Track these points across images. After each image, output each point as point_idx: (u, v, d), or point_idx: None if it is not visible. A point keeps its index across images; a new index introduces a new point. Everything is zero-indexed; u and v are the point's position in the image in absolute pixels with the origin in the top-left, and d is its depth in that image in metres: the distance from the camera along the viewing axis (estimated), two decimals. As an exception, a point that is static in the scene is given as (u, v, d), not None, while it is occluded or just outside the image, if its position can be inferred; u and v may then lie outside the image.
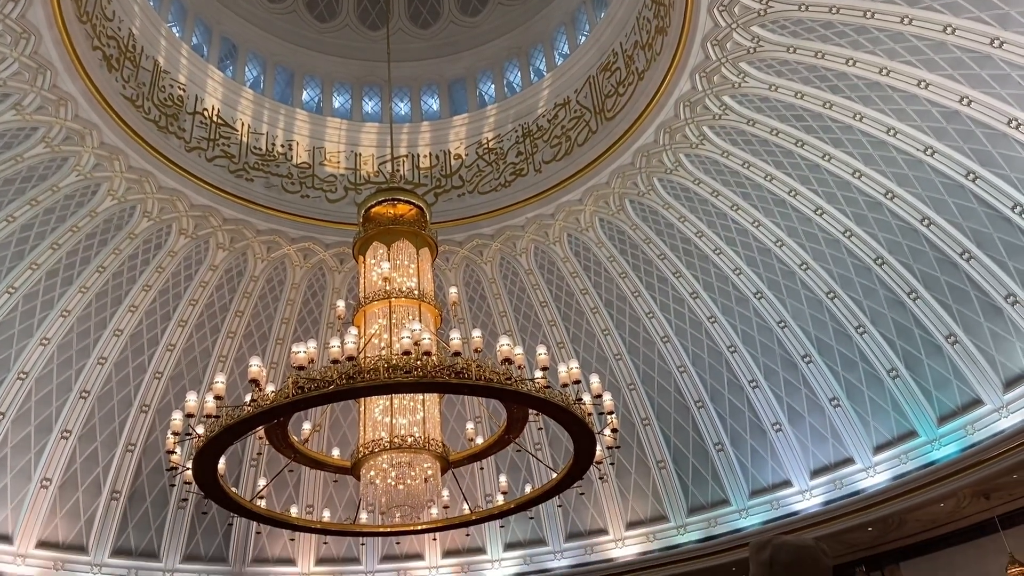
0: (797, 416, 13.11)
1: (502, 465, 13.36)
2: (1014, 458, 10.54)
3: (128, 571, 12.89)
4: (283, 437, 8.58)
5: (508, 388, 7.11)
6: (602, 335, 14.55)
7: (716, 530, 13.61)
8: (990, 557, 11.50)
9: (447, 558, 14.68)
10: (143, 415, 13.32)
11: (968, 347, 11.15)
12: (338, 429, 13.94)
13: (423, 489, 8.49)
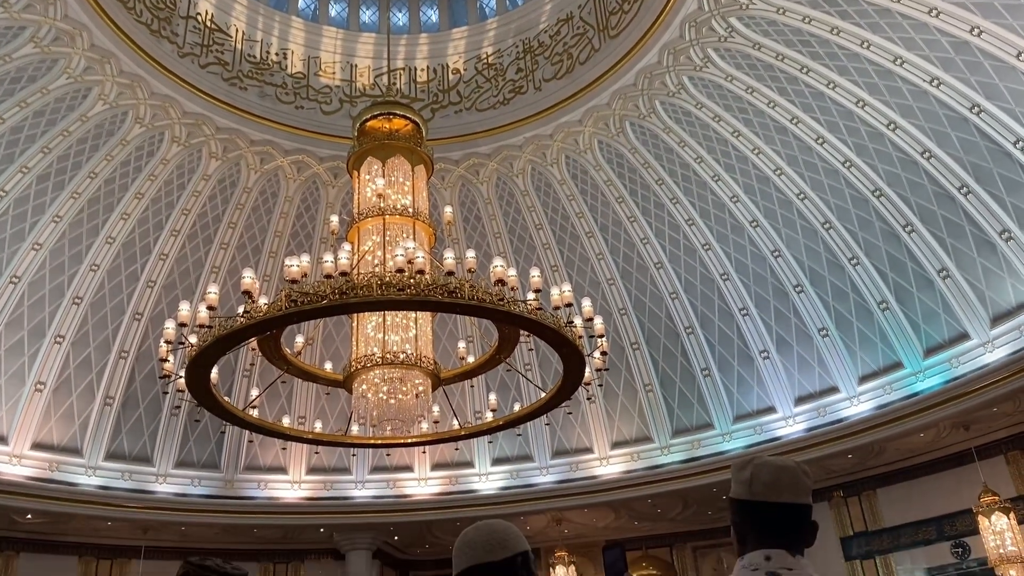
0: (785, 344, 13.25)
1: (492, 384, 13.53)
2: (995, 392, 10.73)
3: (122, 474, 13.16)
4: (276, 349, 8.64)
5: (500, 309, 7.15)
6: (596, 259, 14.56)
7: (699, 452, 13.91)
8: (965, 487, 11.81)
9: (436, 471, 15.00)
10: (136, 323, 13.38)
11: (959, 282, 11.21)
12: (331, 343, 14.04)
13: (414, 404, 8.62)
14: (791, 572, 1.77)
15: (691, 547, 16.15)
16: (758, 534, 1.85)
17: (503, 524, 2.08)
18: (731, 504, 1.95)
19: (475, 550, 2.00)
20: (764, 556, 1.81)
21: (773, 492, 1.85)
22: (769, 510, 1.85)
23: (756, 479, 1.87)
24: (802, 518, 1.87)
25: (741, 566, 1.85)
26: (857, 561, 13.23)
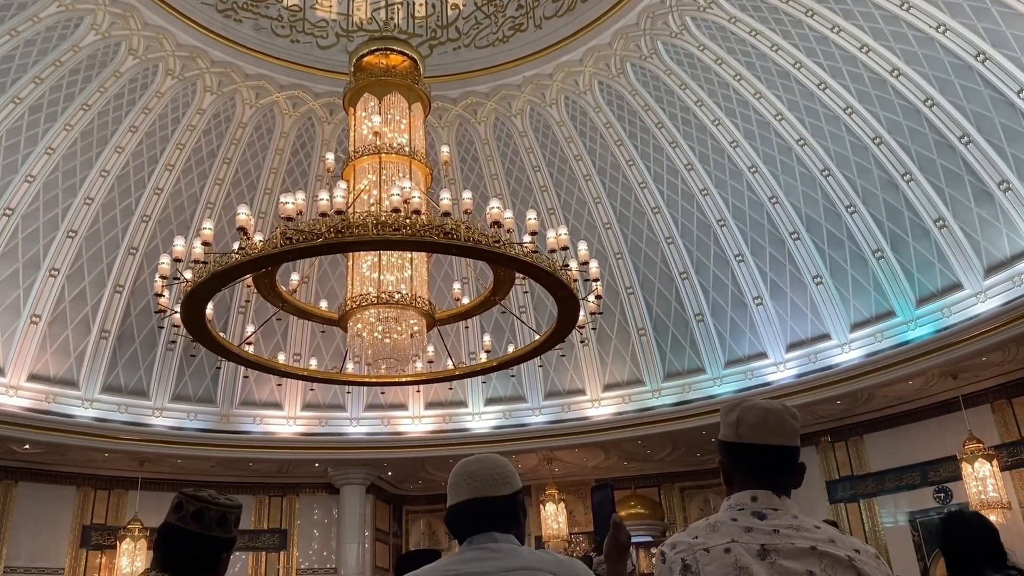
0: (779, 291, 13.31)
1: (486, 325, 13.60)
2: (985, 341, 10.83)
3: (118, 407, 13.28)
4: (271, 286, 8.66)
5: (496, 251, 7.15)
6: (593, 203, 14.50)
7: (690, 396, 14.08)
8: (950, 434, 12.02)
9: (429, 409, 15.18)
10: (131, 257, 13.35)
11: (955, 231, 11.21)
12: (326, 282, 14.06)
13: (408, 344, 8.69)
14: (776, 512, 1.80)
15: (679, 487, 16.48)
16: (744, 475, 1.88)
17: (503, 459, 2.09)
18: (719, 446, 1.98)
19: (479, 482, 1.99)
20: (750, 496, 1.85)
21: (759, 434, 1.87)
22: (755, 452, 1.87)
23: (742, 422, 1.89)
24: (788, 460, 1.90)
25: (728, 506, 1.89)
26: (841, 504, 13.53)
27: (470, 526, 1.97)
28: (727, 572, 1.70)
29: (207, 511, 2.20)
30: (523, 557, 1.92)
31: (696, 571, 1.74)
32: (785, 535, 1.75)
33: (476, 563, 1.90)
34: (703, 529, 1.83)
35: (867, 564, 1.71)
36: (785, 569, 1.68)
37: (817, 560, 1.69)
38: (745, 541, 1.75)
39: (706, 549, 1.76)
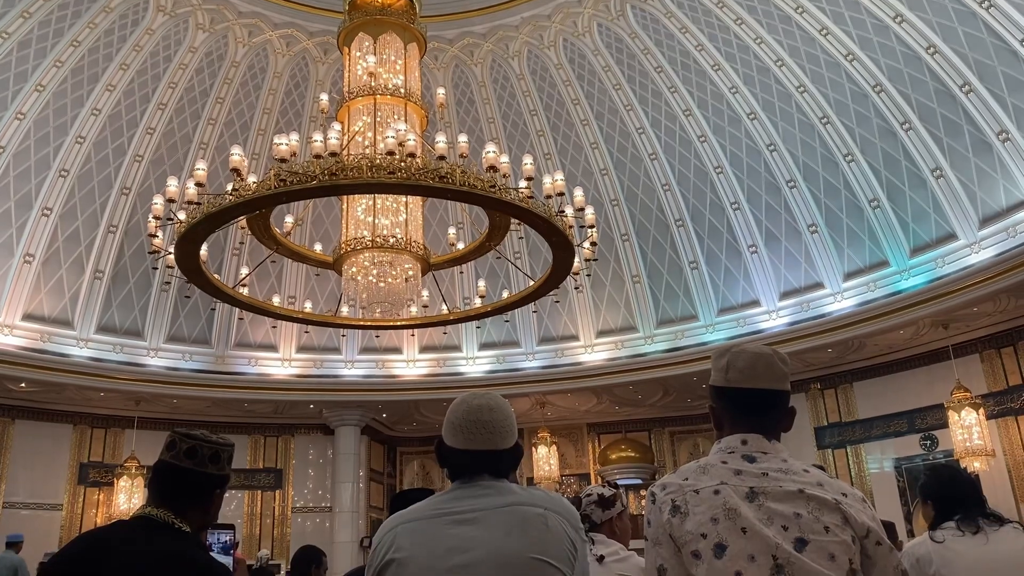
0: (774, 239, 13.31)
1: (481, 270, 13.61)
2: (977, 292, 10.89)
3: (113, 347, 13.33)
4: (265, 228, 8.63)
5: (491, 196, 7.11)
6: (590, 148, 14.39)
7: (682, 342, 14.18)
8: (938, 383, 12.17)
9: (424, 353, 15.28)
10: (124, 197, 13.25)
11: (952, 181, 11.18)
12: (320, 224, 14.01)
13: (403, 288, 8.69)
14: (766, 456, 1.83)
15: (669, 432, 16.70)
16: (734, 419, 1.90)
17: (508, 404, 2.08)
18: (710, 391, 2.00)
19: (495, 435, 1.99)
20: (740, 440, 1.87)
21: (748, 378, 1.89)
22: (745, 396, 1.90)
23: (732, 366, 1.91)
24: (777, 404, 1.92)
25: (718, 448, 1.91)
26: (829, 450, 13.75)
27: (474, 470, 1.99)
28: (716, 513, 1.73)
29: (200, 448, 2.23)
30: (516, 494, 1.96)
31: (685, 512, 1.77)
32: (774, 478, 1.77)
33: (469, 500, 1.94)
34: (693, 471, 1.85)
35: (853, 507, 1.74)
36: (773, 511, 1.71)
37: (804, 503, 1.72)
38: (734, 483, 1.77)
39: (695, 491, 1.78)
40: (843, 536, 1.70)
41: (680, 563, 1.77)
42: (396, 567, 1.86)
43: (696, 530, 1.74)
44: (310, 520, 15.58)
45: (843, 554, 1.68)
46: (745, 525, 1.70)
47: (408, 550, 1.87)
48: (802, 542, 1.68)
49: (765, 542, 1.68)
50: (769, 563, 1.66)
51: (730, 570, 1.68)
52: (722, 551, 1.70)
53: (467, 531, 1.87)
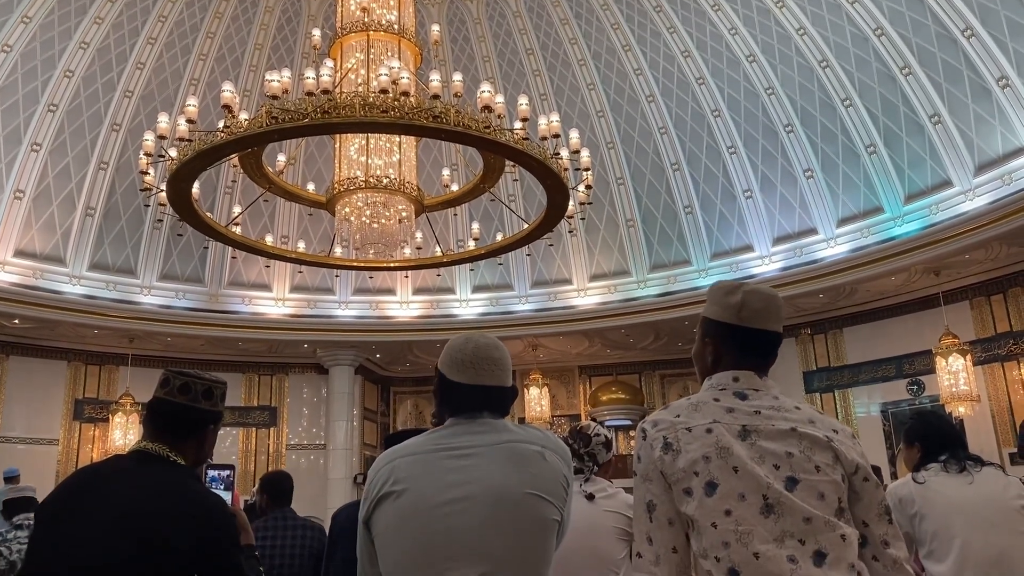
0: (769, 184, 13.26)
1: (475, 213, 13.56)
2: (970, 239, 10.92)
3: (106, 284, 13.31)
4: (257, 167, 8.56)
5: (486, 137, 7.04)
6: (587, 89, 14.21)
7: (674, 287, 14.23)
8: (927, 329, 12.28)
9: (417, 295, 15.31)
10: (114, 133, 13.09)
11: (949, 127, 11.11)
12: (313, 164, 13.89)
13: (397, 229, 8.67)
14: (757, 393, 1.84)
15: (659, 375, 16.88)
16: (735, 357, 1.91)
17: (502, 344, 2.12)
18: (708, 324, 1.98)
19: (504, 372, 2.03)
20: (732, 377, 1.88)
21: (761, 319, 1.90)
22: (755, 336, 1.90)
23: (747, 305, 1.90)
24: (777, 345, 1.94)
25: (709, 386, 1.92)
26: (817, 394, 13.93)
27: (473, 406, 2.00)
28: (708, 452, 1.74)
29: (193, 384, 2.27)
30: (513, 431, 1.99)
31: (677, 449, 1.78)
32: (766, 416, 1.79)
33: (467, 436, 1.95)
34: (685, 408, 1.86)
35: (844, 444, 1.77)
36: (764, 450, 1.73)
37: (797, 441, 1.74)
38: (727, 421, 1.78)
39: (688, 428, 1.79)
40: (833, 476, 1.72)
41: (670, 499, 1.79)
42: (393, 499, 1.89)
43: (688, 468, 1.75)
44: (304, 457, 15.79)
45: (832, 493, 1.71)
46: (737, 464, 1.72)
47: (405, 483, 1.89)
48: (793, 481, 1.70)
49: (756, 481, 1.70)
50: (759, 502, 1.69)
51: (720, 508, 1.70)
52: (713, 489, 1.72)
53: (465, 466, 1.89)
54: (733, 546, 1.67)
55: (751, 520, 1.68)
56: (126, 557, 1.97)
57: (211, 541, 2.08)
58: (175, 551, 2.01)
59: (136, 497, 2.07)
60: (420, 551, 1.83)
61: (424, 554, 1.82)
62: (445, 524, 1.82)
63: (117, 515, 2.02)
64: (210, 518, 2.11)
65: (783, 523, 1.66)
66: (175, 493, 2.11)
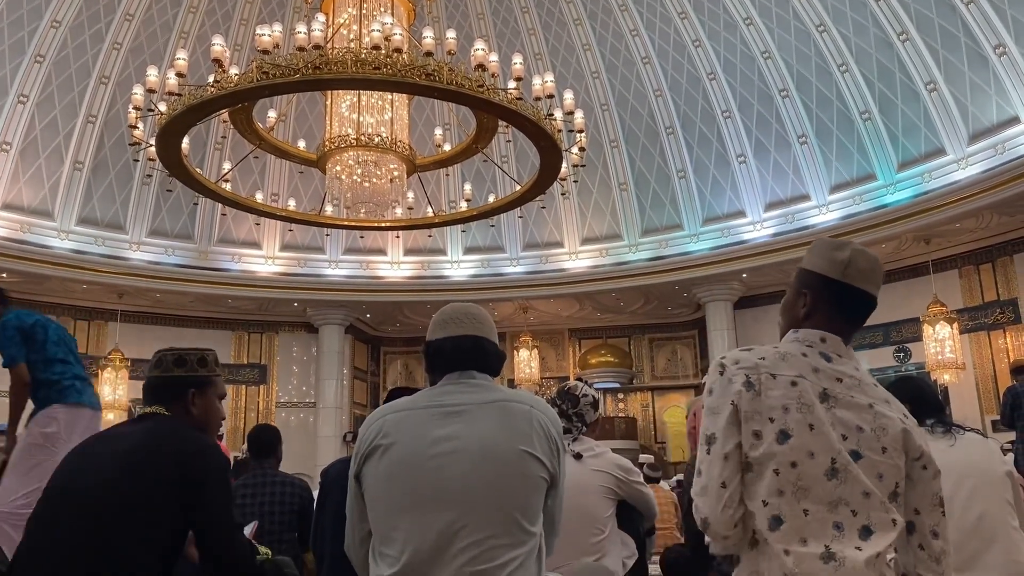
0: (763, 150, 13.22)
1: (467, 173, 13.48)
2: (961, 208, 10.96)
3: (95, 239, 13.23)
4: (248, 123, 8.47)
5: (479, 96, 6.97)
6: (582, 50, 14.06)
7: (665, 251, 14.24)
8: (916, 297, 12.34)
9: (408, 255, 15.27)
10: (103, 87, 12.91)
11: (945, 95, 11.06)
12: (304, 121, 13.75)
13: (388, 189, 8.60)
14: (840, 359, 1.83)
15: (648, 339, 16.97)
16: (827, 314, 1.88)
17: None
18: (807, 276, 1.94)
19: (481, 324, 2.09)
20: (820, 337, 1.85)
21: (866, 280, 1.88)
22: (854, 295, 1.88)
23: (854, 263, 1.87)
24: (870, 311, 1.92)
25: (795, 339, 1.88)
26: (804, 360, 13.99)
27: (458, 361, 2.04)
28: (789, 403, 1.73)
29: (165, 357, 2.49)
30: (503, 391, 2.04)
31: (759, 391, 1.76)
32: (847, 385, 1.78)
33: (457, 394, 1.98)
34: (771, 354, 1.83)
35: (915, 430, 1.77)
36: (838, 418, 1.72)
37: (872, 418, 1.73)
38: (812, 380, 1.77)
39: (772, 375, 1.77)
40: (897, 460, 1.72)
41: (732, 435, 1.77)
42: (382, 452, 1.91)
43: (765, 412, 1.74)
44: (294, 415, 15.86)
45: (891, 476, 1.71)
46: (814, 422, 1.71)
47: (394, 436, 1.92)
48: (856, 455, 1.70)
49: (829, 443, 1.70)
50: (827, 463, 1.68)
51: (787, 459, 1.70)
52: (785, 438, 1.71)
53: (454, 421, 1.92)
54: (786, 496, 1.68)
55: (813, 478, 1.68)
56: (117, 479, 2.15)
57: (199, 477, 2.21)
58: (163, 481, 2.17)
59: (134, 439, 2.27)
60: (407, 499, 1.85)
61: (411, 502, 1.85)
62: (433, 475, 1.85)
63: (112, 451, 2.24)
64: (200, 456, 2.26)
65: (842, 490, 1.67)
66: (169, 435, 2.29)
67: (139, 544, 2.11)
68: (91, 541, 2.07)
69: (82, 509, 2.12)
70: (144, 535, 2.12)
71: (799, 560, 1.63)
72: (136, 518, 2.12)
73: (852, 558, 1.61)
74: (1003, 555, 2.50)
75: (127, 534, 2.10)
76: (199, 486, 2.20)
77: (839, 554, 1.61)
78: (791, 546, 1.64)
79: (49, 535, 2.12)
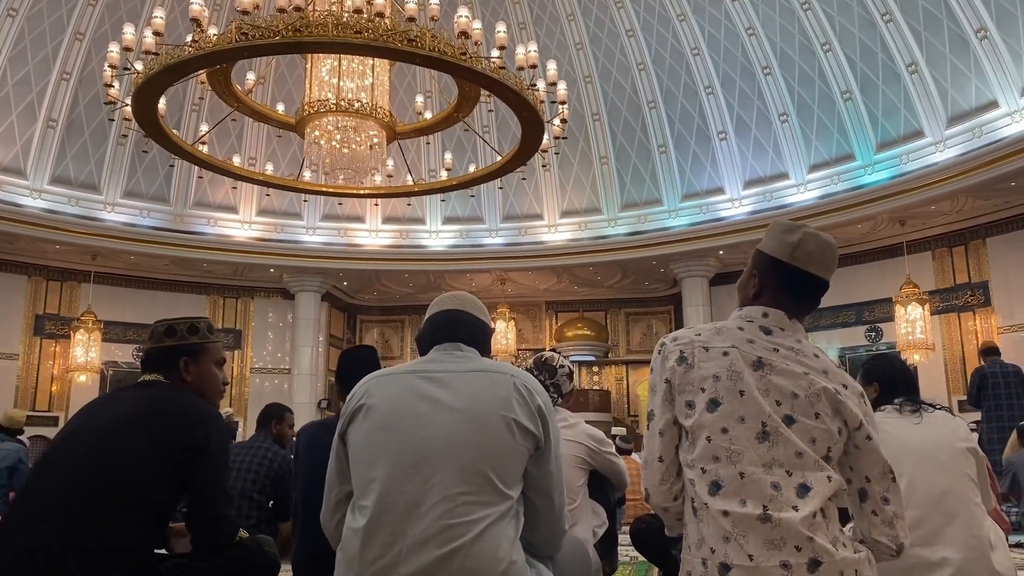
0: (744, 127, 13.24)
1: (448, 143, 13.39)
2: (937, 191, 11.07)
3: (68, 199, 13.03)
4: (226, 84, 8.34)
5: (462, 64, 6.91)
6: (566, 20, 13.96)
7: (644, 226, 14.27)
8: (889, 277, 12.50)
9: (387, 224, 15.19)
10: (78, 43, 12.64)
11: (925, 78, 11.12)
12: (283, 84, 13.56)
13: (367, 155, 8.53)
14: (783, 332, 1.88)
15: (625, 313, 17.06)
16: (775, 294, 1.93)
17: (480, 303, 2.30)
18: (760, 257, 2.00)
19: (465, 303, 2.20)
20: (762, 312, 1.91)
21: (814, 263, 1.93)
22: (802, 278, 1.93)
23: (802, 246, 1.93)
24: (820, 294, 1.97)
25: (737, 315, 1.95)
26: (777, 337, 14.15)
27: (445, 333, 2.13)
28: (719, 372, 1.80)
29: (156, 329, 2.52)
30: (486, 362, 2.10)
31: (691, 364, 1.84)
32: (784, 355, 1.83)
33: (442, 363, 2.06)
34: (708, 330, 1.90)
35: (851, 399, 1.81)
36: (773, 384, 1.78)
37: (806, 385, 1.78)
38: (745, 350, 1.83)
39: (705, 348, 1.85)
40: (830, 426, 1.76)
41: (668, 411, 1.86)
42: (366, 411, 1.98)
43: (697, 383, 1.82)
44: (268, 381, 15.82)
45: (823, 441, 1.76)
46: (744, 389, 1.77)
47: (379, 397, 1.99)
48: (790, 420, 1.75)
49: (759, 408, 1.75)
50: (757, 427, 1.74)
51: (718, 425, 1.76)
52: (715, 406, 1.78)
53: (438, 386, 1.98)
54: (722, 461, 1.74)
55: (745, 442, 1.74)
56: (114, 448, 2.17)
57: (201, 443, 2.23)
58: (164, 445, 2.19)
59: (131, 405, 2.29)
60: (387, 455, 1.89)
61: (390, 457, 1.89)
62: (413, 433, 1.90)
63: (112, 417, 2.26)
64: (203, 423, 2.27)
65: (775, 451, 1.72)
66: (167, 400, 2.33)
67: (133, 508, 2.12)
68: (81, 502, 2.08)
69: (77, 471, 2.12)
70: (139, 499, 2.13)
71: (737, 521, 1.69)
72: (132, 483, 2.13)
73: (788, 519, 1.66)
74: (964, 530, 2.56)
75: (122, 498, 2.10)
76: (200, 452, 2.22)
77: (775, 516, 1.66)
78: (731, 508, 1.70)
79: (42, 496, 2.12)
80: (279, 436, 4.94)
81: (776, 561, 1.64)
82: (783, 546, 1.64)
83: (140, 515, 2.13)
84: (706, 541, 1.71)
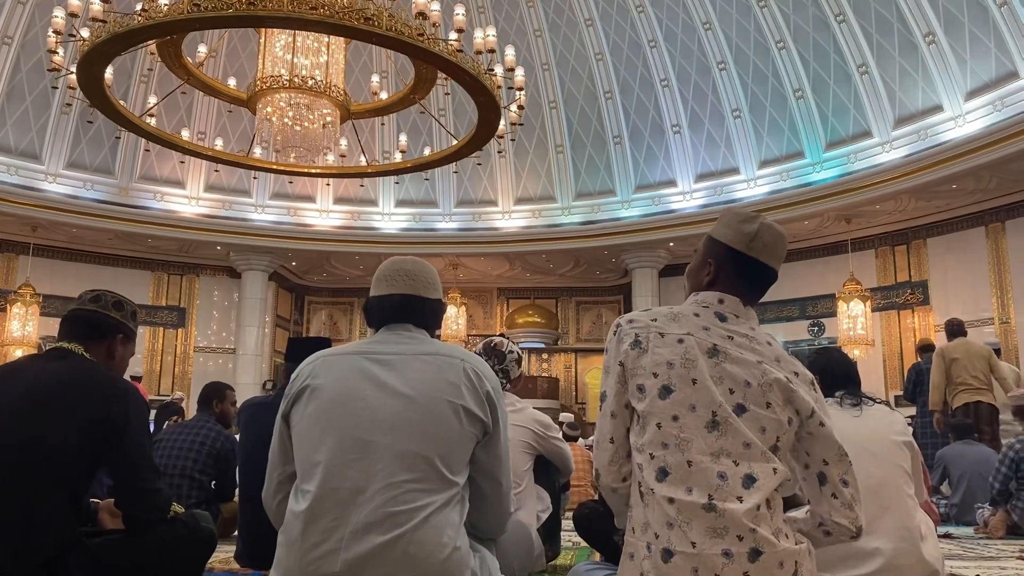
0: (698, 121, 13.37)
1: (403, 124, 13.28)
2: (882, 190, 11.34)
3: (7, 168, 12.60)
4: (176, 56, 8.14)
5: (419, 45, 6.83)
6: (526, 6, 13.91)
7: (597, 216, 14.36)
8: (833, 274, 12.78)
9: (338, 204, 15.02)
10: (20, 7, 12.20)
11: (875, 79, 11.35)
12: (236, 58, 13.29)
13: (320, 134, 8.41)
14: (737, 319, 1.89)
15: (575, 301, 17.17)
16: (730, 283, 1.94)
17: (430, 265, 2.18)
18: (712, 244, 2.00)
19: (416, 281, 2.09)
20: (718, 299, 1.91)
21: (768, 254, 1.94)
22: (756, 268, 1.94)
23: (759, 237, 1.93)
24: (770, 284, 1.99)
25: (694, 300, 1.95)
26: (723, 329, 14.37)
27: (393, 318, 2.06)
28: (674, 359, 1.80)
29: (104, 295, 2.44)
30: (436, 345, 2.04)
31: (645, 348, 1.84)
32: (738, 343, 1.84)
33: (391, 345, 2.00)
34: (664, 315, 1.90)
35: (801, 388, 1.83)
36: (726, 372, 1.79)
37: (759, 374, 1.79)
38: (700, 337, 1.83)
39: (661, 333, 1.84)
40: (780, 416, 1.78)
41: (619, 393, 1.86)
42: (310, 392, 1.93)
43: (649, 368, 1.81)
44: (212, 360, 15.56)
45: (773, 431, 1.77)
46: (697, 377, 1.78)
47: (324, 378, 1.94)
48: (742, 408, 1.76)
49: (711, 397, 1.76)
50: (707, 416, 1.75)
51: (669, 412, 1.77)
52: (667, 393, 1.78)
53: (385, 369, 1.94)
54: (671, 448, 1.74)
55: (694, 430, 1.74)
56: (30, 423, 2.09)
57: (121, 419, 2.17)
58: (83, 421, 2.12)
59: (46, 378, 2.19)
60: (331, 438, 1.86)
61: (335, 441, 1.86)
62: (358, 416, 1.87)
63: (24, 391, 2.15)
64: (123, 398, 2.21)
65: (723, 441, 1.73)
66: (85, 375, 2.23)
67: (51, 483, 2.07)
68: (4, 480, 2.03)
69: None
70: (57, 475, 2.08)
71: (682, 508, 1.70)
72: (50, 458, 2.07)
73: (732, 509, 1.68)
74: (896, 520, 2.63)
75: (39, 473, 2.06)
76: (121, 428, 2.17)
77: (720, 506, 1.68)
78: (676, 495, 1.71)
79: None
80: (222, 415, 4.88)
81: (718, 549, 1.66)
82: (725, 535, 1.66)
83: (60, 490, 2.08)
84: (651, 526, 1.73)
